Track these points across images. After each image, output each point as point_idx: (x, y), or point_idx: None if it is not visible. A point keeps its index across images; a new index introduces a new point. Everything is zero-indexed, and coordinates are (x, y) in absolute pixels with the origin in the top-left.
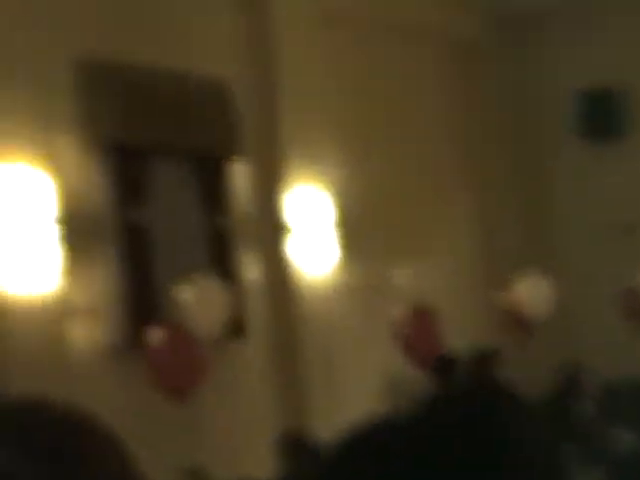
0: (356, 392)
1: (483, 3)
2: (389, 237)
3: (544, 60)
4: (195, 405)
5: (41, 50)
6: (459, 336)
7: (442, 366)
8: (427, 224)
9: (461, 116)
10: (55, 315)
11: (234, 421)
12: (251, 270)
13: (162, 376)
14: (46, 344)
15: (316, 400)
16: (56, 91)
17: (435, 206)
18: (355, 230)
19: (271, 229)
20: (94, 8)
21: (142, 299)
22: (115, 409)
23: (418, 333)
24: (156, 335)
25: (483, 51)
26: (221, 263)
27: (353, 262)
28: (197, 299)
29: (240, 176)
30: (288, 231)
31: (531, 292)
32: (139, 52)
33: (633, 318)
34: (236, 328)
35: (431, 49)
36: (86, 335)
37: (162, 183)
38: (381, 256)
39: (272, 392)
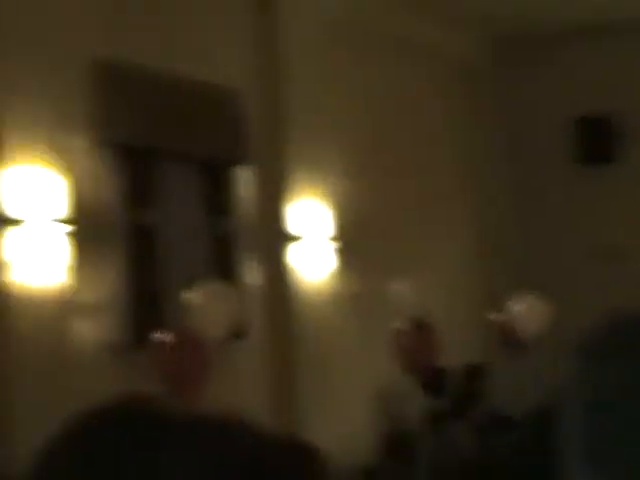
0: (349, 399)
1: (481, 23)
2: (387, 250)
3: (540, 83)
4: (194, 404)
5: (56, 51)
6: (453, 351)
7: (434, 380)
8: (425, 239)
9: (459, 135)
10: (61, 312)
11: None
12: (252, 274)
13: (167, 375)
14: (50, 340)
15: (309, 404)
16: (70, 93)
17: (433, 222)
18: (353, 242)
19: (272, 236)
20: (108, 11)
21: (148, 298)
22: None
23: (413, 346)
24: (162, 334)
25: (480, 71)
26: (224, 266)
27: (350, 272)
28: (204, 301)
29: (245, 183)
30: (289, 239)
31: (525, 311)
32: (153, 57)
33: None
34: (237, 330)
35: (428, 68)
36: (91, 333)
37: (170, 186)
38: (378, 268)
39: (268, 394)
